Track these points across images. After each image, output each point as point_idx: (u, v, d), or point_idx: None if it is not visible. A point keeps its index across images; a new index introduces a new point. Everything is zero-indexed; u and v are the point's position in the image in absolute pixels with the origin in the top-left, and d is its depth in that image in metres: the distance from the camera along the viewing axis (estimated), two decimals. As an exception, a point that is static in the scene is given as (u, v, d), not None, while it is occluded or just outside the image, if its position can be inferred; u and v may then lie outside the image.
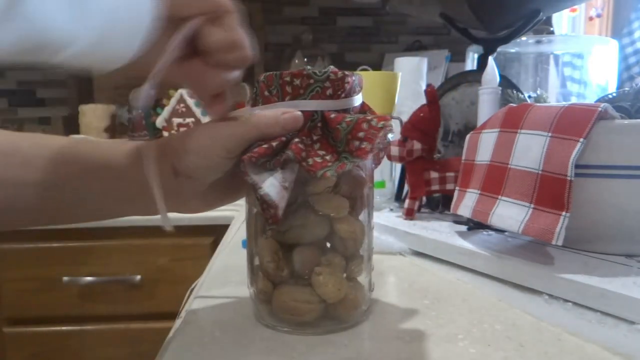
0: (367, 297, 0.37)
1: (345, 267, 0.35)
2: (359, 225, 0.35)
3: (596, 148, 0.43)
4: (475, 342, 0.32)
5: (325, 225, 0.34)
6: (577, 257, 0.46)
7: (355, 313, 0.35)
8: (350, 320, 0.35)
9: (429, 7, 0.84)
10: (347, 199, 0.34)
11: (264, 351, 0.32)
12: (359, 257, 0.36)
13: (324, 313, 0.34)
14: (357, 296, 0.35)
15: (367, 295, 0.37)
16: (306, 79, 0.32)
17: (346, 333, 0.34)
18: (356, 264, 0.36)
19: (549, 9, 0.79)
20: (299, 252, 0.34)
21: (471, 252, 0.48)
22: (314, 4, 1.80)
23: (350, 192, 0.35)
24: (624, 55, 1.24)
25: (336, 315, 0.35)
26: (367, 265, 0.37)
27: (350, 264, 0.35)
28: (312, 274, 0.33)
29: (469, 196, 0.53)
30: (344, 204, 0.34)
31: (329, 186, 0.34)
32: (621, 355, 0.30)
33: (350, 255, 0.35)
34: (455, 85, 0.81)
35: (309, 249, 0.34)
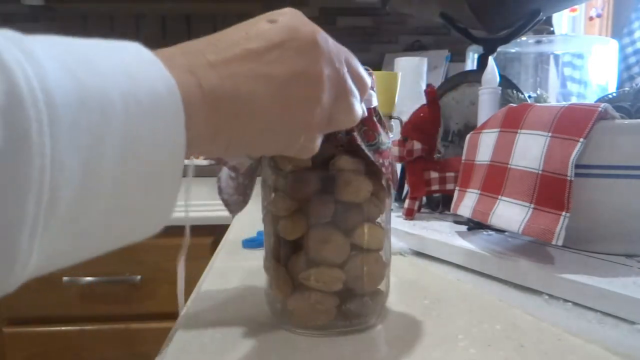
0: (384, 302, 0.37)
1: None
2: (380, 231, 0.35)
3: (596, 148, 0.43)
4: (475, 342, 0.32)
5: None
6: (577, 257, 0.46)
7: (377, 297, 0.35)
8: (368, 316, 0.35)
9: (429, 7, 0.84)
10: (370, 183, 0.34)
11: (264, 351, 0.32)
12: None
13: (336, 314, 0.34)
14: (379, 270, 0.35)
15: (384, 299, 0.37)
16: None
17: (346, 333, 0.34)
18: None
19: (549, 9, 0.79)
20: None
21: (471, 252, 0.48)
22: (314, 4, 1.80)
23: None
24: (624, 55, 1.24)
25: (357, 294, 0.34)
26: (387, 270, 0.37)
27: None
28: None
29: (469, 196, 0.53)
30: (367, 187, 0.34)
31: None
32: (621, 355, 0.30)
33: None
34: (455, 85, 0.81)
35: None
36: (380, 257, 0.35)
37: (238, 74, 0.24)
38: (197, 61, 0.24)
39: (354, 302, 0.34)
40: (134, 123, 0.19)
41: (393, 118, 0.77)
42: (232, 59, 0.24)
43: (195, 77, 0.23)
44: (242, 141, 0.26)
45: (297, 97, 0.26)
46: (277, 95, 0.26)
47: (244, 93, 0.24)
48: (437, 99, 0.66)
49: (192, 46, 0.25)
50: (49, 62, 0.16)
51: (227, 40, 0.25)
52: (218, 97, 0.24)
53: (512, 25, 0.77)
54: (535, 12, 0.73)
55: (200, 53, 0.24)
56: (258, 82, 0.25)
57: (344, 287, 0.33)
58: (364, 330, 0.34)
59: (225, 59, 0.24)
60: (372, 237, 0.34)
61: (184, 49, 0.25)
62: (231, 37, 0.26)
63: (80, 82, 0.17)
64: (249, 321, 0.36)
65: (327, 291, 0.33)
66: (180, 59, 0.23)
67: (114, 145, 0.18)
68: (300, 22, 0.27)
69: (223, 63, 0.24)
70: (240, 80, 0.24)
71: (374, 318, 0.36)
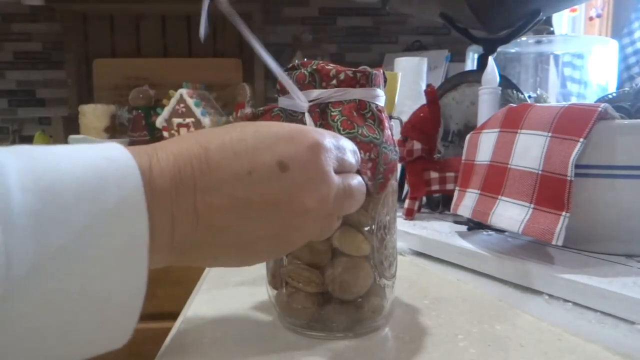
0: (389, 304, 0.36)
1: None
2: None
3: (596, 148, 0.43)
4: (475, 342, 0.32)
5: None
6: (577, 257, 0.46)
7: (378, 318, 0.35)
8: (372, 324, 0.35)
9: (429, 7, 0.84)
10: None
11: (264, 352, 0.32)
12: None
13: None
14: (382, 303, 0.35)
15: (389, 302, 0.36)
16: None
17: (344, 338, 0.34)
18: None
19: (549, 9, 0.79)
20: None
21: (471, 252, 0.48)
22: (314, 4, 1.80)
23: None
24: (624, 55, 1.24)
25: (360, 319, 0.34)
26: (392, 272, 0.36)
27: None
28: None
29: (469, 196, 0.53)
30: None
31: None
32: (621, 355, 0.30)
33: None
34: (455, 85, 0.81)
35: None
36: (364, 265, 0.33)
37: (216, 228, 0.22)
38: (184, 202, 0.21)
39: (328, 308, 0.33)
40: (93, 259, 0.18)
41: (393, 118, 0.77)
42: (217, 209, 0.22)
43: (173, 227, 0.21)
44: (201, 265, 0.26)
45: (270, 251, 0.25)
46: (249, 250, 0.24)
47: (215, 245, 0.23)
48: (437, 99, 0.66)
49: (185, 161, 0.22)
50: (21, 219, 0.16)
51: (225, 173, 0.22)
52: (185, 247, 0.22)
53: (512, 25, 0.77)
54: (535, 12, 0.73)
55: (191, 189, 0.22)
56: (235, 236, 0.23)
57: (322, 290, 0.33)
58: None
59: (210, 207, 0.22)
60: (345, 240, 0.33)
61: (177, 170, 0.22)
62: (231, 165, 0.22)
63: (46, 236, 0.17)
64: (250, 321, 0.36)
65: (305, 291, 0.33)
66: (168, 194, 0.21)
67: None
68: (310, 179, 0.24)
69: (207, 212, 0.22)
70: (216, 233, 0.22)
71: (355, 330, 0.34)
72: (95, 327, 0.19)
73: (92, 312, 0.19)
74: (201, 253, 0.23)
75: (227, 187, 0.22)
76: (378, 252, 0.34)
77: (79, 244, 0.18)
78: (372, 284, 0.34)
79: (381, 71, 0.35)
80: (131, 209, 0.19)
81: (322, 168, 0.24)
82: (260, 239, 0.24)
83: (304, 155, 0.24)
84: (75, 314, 0.18)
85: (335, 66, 0.33)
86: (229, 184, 0.22)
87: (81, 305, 0.18)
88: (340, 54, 1.82)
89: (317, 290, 0.33)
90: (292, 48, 1.68)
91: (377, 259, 0.34)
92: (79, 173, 0.18)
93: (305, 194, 0.24)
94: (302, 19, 1.80)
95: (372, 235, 0.34)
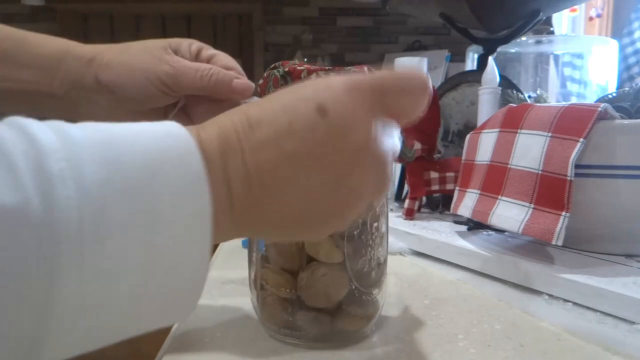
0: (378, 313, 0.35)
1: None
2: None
3: (596, 148, 0.43)
4: (475, 342, 0.32)
5: None
6: (577, 257, 0.46)
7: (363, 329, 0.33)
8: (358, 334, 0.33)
9: (429, 7, 0.84)
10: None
11: (264, 352, 0.32)
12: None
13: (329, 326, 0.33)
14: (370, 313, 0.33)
15: (378, 312, 0.35)
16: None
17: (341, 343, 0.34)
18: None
19: (549, 9, 0.79)
20: None
21: (471, 252, 0.48)
22: (314, 4, 1.80)
23: None
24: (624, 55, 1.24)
25: (342, 329, 0.33)
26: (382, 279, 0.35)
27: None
28: None
29: (469, 196, 0.53)
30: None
31: None
32: (621, 355, 0.30)
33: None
34: (455, 85, 0.81)
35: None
36: (337, 273, 0.32)
37: (269, 185, 0.22)
38: (233, 163, 0.22)
39: (299, 315, 0.32)
40: (159, 243, 0.19)
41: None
42: (265, 164, 0.22)
43: (229, 188, 0.21)
44: (264, 235, 0.26)
45: (332, 207, 0.24)
46: (310, 205, 0.23)
47: (273, 204, 0.22)
48: (437, 99, 0.66)
49: (229, 128, 0.22)
50: (92, 187, 0.17)
51: (265, 129, 0.22)
52: (244, 209, 0.22)
53: (512, 25, 0.77)
54: (535, 12, 0.73)
55: (238, 150, 0.22)
56: (289, 190, 0.22)
57: (293, 295, 0.32)
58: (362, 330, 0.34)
59: (258, 164, 0.22)
60: (316, 246, 0.31)
61: (223, 137, 0.22)
62: (272, 124, 0.22)
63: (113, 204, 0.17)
64: (250, 320, 0.36)
65: (276, 295, 0.32)
66: (217, 157, 0.21)
67: (135, 265, 0.18)
68: (353, 121, 0.23)
69: (256, 170, 0.22)
70: (271, 190, 0.22)
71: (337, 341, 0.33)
72: (161, 299, 0.20)
73: (158, 283, 0.19)
74: (262, 218, 0.23)
75: (271, 143, 0.22)
76: (353, 260, 0.32)
77: (143, 216, 0.18)
78: (348, 293, 0.32)
79: (365, 68, 0.32)
80: (193, 182, 0.20)
81: (362, 108, 0.24)
82: (318, 193, 0.23)
83: (343, 98, 0.23)
84: (141, 285, 0.18)
85: (308, 66, 0.32)
86: (272, 139, 0.22)
87: (147, 276, 0.18)
88: (341, 54, 1.82)
89: (288, 295, 0.32)
90: (292, 48, 1.68)
91: (352, 267, 0.32)
92: (142, 146, 0.19)
93: (350, 134, 0.23)
94: (302, 19, 1.81)
95: (344, 242, 0.32)
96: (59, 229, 0.16)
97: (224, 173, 0.21)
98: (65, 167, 0.16)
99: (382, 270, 0.34)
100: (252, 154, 0.22)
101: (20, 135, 0.16)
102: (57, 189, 0.16)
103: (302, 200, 0.23)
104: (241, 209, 0.22)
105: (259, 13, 1.61)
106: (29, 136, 0.16)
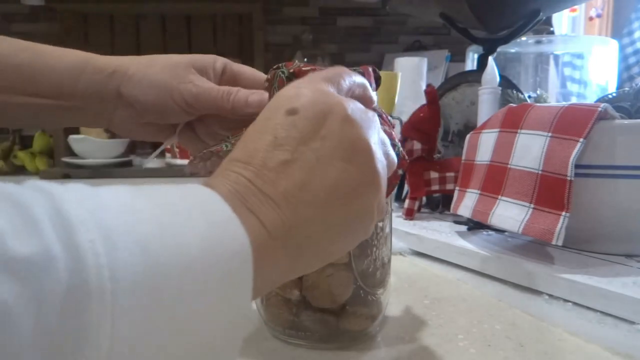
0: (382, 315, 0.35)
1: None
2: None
3: (596, 148, 0.43)
4: (475, 342, 0.32)
5: None
6: (577, 257, 0.46)
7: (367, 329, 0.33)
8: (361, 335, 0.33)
9: (429, 7, 0.84)
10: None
11: (267, 352, 0.32)
12: None
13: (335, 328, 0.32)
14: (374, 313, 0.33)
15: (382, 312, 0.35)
16: None
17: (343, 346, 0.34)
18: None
19: (549, 9, 0.79)
20: None
21: (471, 252, 0.48)
22: (314, 4, 1.80)
23: None
24: (624, 55, 1.24)
25: (347, 329, 0.32)
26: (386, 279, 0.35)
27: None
28: None
29: (469, 196, 0.53)
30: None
31: None
32: (621, 355, 0.30)
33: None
34: (455, 85, 0.81)
35: None
36: (342, 273, 0.31)
37: (290, 194, 0.22)
38: (250, 194, 0.21)
39: (304, 315, 0.32)
40: (199, 296, 0.17)
41: (393, 118, 0.77)
42: (276, 180, 0.22)
43: (258, 217, 0.21)
44: (316, 260, 0.24)
45: (357, 181, 0.23)
46: (337, 192, 0.23)
47: (304, 212, 0.22)
48: (437, 99, 0.66)
49: (230, 175, 0.22)
50: (122, 238, 0.15)
51: (258, 154, 0.22)
52: (283, 233, 0.21)
53: (512, 25, 0.77)
54: (535, 12, 0.73)
55: (247, 182, 0.22)
56: (312, 190, 0.22)
57: (299, 296, 0.32)
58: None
59: (271, 182, 0.22)
60: None
61: (225, 180, 0.22)
62: (260, 147, 0.22)
63: (151, 262, 0.16)
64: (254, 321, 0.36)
65: (281, 296, 0.32)
66: (234, 197, 0.21)
67: (172, 321, 0.17)
68: (321, 100, 0.24)
69: (272, 187, 0.22)
70: (295, 199, 0.22)
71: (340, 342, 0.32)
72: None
73: (195, 343, 0.18)
74: (305, 234, 0.22)
75: (269, 161, 0.22)
76: (359, 260, 0.32)
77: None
78: (353, 293, 0.32)
79: (369, 69, 0.32)
80: (224, 221, 0.19)
81: (322, 91, 0.24)
82: (339, 184, 0.23)
83: (302, 93, 0.24)
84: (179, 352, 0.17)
85: (313, 67, 0.32)
86: (268, 158, 0.22)
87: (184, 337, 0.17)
88: (341, 54, 1.82)
89: (293, 296, 0.32)
90: (292, 48, 1.68)
91: (357, 267, 0.32)
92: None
93: (329, 114, 0.23)
94: (302, 19, 1.81)
95: None
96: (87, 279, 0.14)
97: (243, 203, 0.21)
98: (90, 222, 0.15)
99: (387, 270, 0.34)
100: (259, 178, 0.22)
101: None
102: (78, 233, 0.14)
103: (330, 197, 0.23)
104: (280, 233, 0.21)
105: (259, 13, 1.61)
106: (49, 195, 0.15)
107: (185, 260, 0.17)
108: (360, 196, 0.24)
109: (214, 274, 0.18)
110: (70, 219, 0.15)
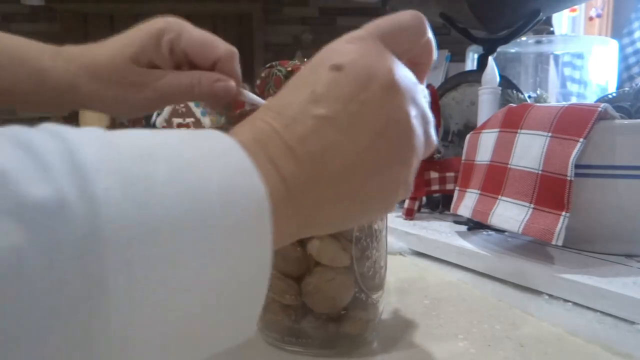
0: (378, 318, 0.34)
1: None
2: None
3: (596, 148, 0.43)
4: (475, 342, 0.32)
5: None
6: (577, 257, 0.46)
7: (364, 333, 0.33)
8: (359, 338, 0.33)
9: (428, 7, 0.84)
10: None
11: (264, 352, 0.32)
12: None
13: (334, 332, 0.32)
14: (370, 317, 0.33)
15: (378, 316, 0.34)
16: None
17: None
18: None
19: (549, 9, 0.79)
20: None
21: (471, 252, 0.48)
22: (314, 4, 1.80)
23: None
24: (624, 55, 1.24)
25: (346, 333, 0.32)
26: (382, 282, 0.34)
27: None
28: None
29: (469, 196, 0.53)
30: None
31: None
32: (621, 355, 0.30)
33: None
34: (455, 85, 0.81)
35: None
36: (343, 277, 0.31)
37: (316, 153, 0.21)
38: (273, 145, 0.21)
39: (304, 322, 0.31)
40: (216, 244, 0.17)
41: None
42: (305, 135, 0.21)
43: (277, 169, 0.20)
44: (330, 224, 0.23)
45: (388, 154, 0.22)
46: (365, 161, 0.22)
47: (326, 173, 0.21)
48: (437, 99, 0.66)
49: (258, 123, 0.22)
50: (138, 187, 0.15)
51: (292, 106, 0.22)
52: (301, 188, 0.21)
53: (512, 25, 0.77)
54: (535, 12, 0.73)
55: (273, 132, 0.21)
56: (339, 153, 0.21)
57: (298, 302, 0.31)
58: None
59: (299, 137, 0.21)
60: (322, 250, 0.30)
61: (255, 129, 0.21)
62: (296, 100, 0.22)
63: (167, 212, 0.16)
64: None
65: (279, 302, 0.31)
66: (256, 146, 0.20)
67: (189, 270, 0.16)
68: (369, 61, 0.22)
69: (298, 142, 0.21)
70: (319, 158, 0.21)
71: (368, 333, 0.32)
72: (220, 315, 0.18)
73: (217, 290, 0.17)
74: (324, 195, 0.22)
75: (301, 114, 0.21)
76: (359, 263, 0.32)
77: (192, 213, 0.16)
78: (353, 297, 0.32)
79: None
80: (242, 171, 0.18)
81: (372, 51, 0.23)
82: (369, 153, 0.22)
83: (350, 49, 0.23)
84: (201, 304, 0.17)
85: None
86: (301, 111, 0.21)
87: (206, 284, 0.17)
88: (340, 54, 1.82)
89: (292, 302, 0.31)
90: (292, 48, 1.68)
91: (358, 270, 0.31)
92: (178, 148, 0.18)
93: (373, 76, 0.22)
94: (302, 19, 1.81)
95: (352, 245, 0.31)
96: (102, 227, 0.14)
97: (264, 153, 0.20)
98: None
99: (384, 272, 0.34)
100: (287, 130, 0.21)
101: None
102: (94, 182, 0.14)
103: (355, 165, 0.22)
104: (298, 189, 0.21)
105: (259, 13, 1.61)
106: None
107: (202, 208, 0.16)
108: (389, 170, 0.23)
109: (231, 225, 0.17)
110: (86, 165, 0.14)
